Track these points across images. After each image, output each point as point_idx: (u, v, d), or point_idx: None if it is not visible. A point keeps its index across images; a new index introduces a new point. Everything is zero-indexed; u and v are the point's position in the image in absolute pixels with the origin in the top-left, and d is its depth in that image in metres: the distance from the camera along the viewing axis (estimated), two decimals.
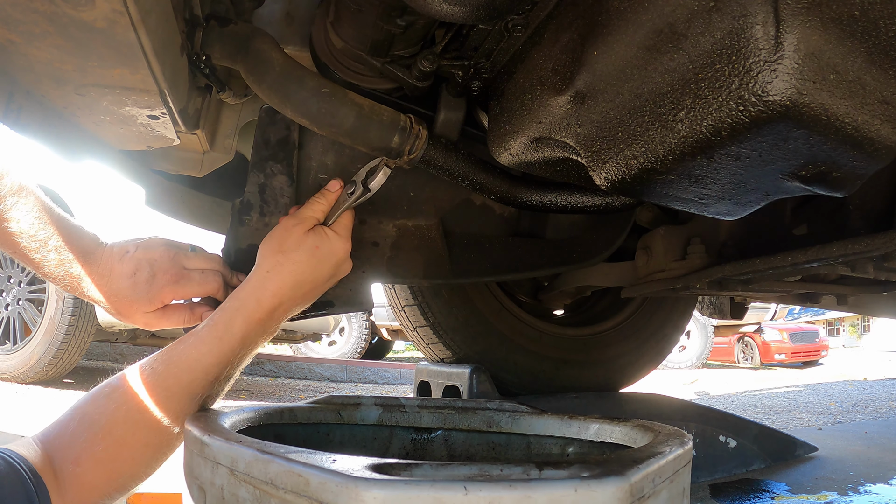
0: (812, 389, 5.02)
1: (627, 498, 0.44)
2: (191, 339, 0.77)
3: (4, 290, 3.17)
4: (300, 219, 0.85)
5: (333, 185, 0.89)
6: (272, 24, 0.98)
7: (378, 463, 0.45)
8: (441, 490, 0.40)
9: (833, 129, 0.53)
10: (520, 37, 0.81)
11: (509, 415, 0.85)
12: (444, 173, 0.93)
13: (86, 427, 0.71)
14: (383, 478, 0.41)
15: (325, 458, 0.46)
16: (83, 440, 0.70)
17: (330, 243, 0.85)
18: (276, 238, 0.84)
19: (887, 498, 1.52)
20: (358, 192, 0.88)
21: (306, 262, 0.83)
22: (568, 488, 0.42)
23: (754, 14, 0.51)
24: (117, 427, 0.72)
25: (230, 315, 0.78)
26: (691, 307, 1.89)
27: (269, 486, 0.46)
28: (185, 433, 0.62)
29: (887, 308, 1.41)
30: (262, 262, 0.83)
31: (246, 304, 0.79)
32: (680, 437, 0.60)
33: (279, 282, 0.81)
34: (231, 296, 0.81)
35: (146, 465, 0.75)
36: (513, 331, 1.59)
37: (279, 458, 0.46)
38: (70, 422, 0.72)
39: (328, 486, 0.41)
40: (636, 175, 0.68)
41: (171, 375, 0.74)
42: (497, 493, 0.40)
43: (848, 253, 0.88)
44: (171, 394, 0.74)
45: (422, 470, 0.44)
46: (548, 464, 0.46)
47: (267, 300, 0.80)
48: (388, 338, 8.25)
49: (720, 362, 10.95)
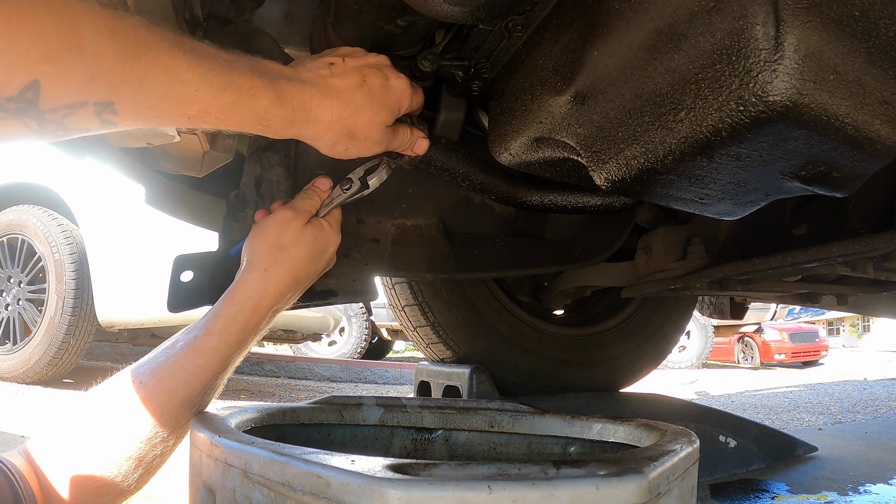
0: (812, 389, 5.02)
1: (646, 495, 0.44)
2: (183, 350, 0.72)
3: (4, 290, 3.17)
4: (298, 210, 0.80)
5: (323, 183, 0.85)
6: (272, 24, 0.98)
7: (397, 463, 0.45)
8: (465, 490, 0.40)
9: (833, 129, 0.54)
10: (520, 37, 0.81)
11: (511, 415, 0.85)
12: (444, 173, 0.93)
13: (73, 441, 0.69)
14: (406, 478, 0.41)
15: (343, 458, 0.46)
16: (70, 457, 0.68)
17: (325, 235, 0.81)
18: (271, 232, 0.78)
19: (887, 498, 1.52)
20: (355, 188, 0.85)
21: (304, 256, 0.78)
22: (590, 486, 0.42)
23: (754, 14, 0.51)
24: (107, 445, 0.69)
25: (226, 323, 0.73)
26: (691, 307, 1.89)
27: (286, 487, 0.45)
28: (193, 435, 0.62)
29: (887, 308, 1.41)
30: (257, 258, 0.77)
31: (243, 310, 0.74)
32: (687, 435, 0.60)
33: (278, 281, 0.76)
34: (226, 299, 0.75)
35: (137, 482, 0.72)
36: (513, 331, 1.59)
37: (296, 460, 0.46)
38: (58, 435, 0.69)
39: (350, 488, 0.41)
40: (636, 175, 0.68)
41: (165, 390, 0.70)
42: (521, 491, 0.41)
43: (848, 253, 0.88)
44: (165, 410, 0.70)
45: (441, 470, 0.44)
46: (564, 462, 0.46)
47: (266, 303, 0.75)
48: (388, 338, 8.25)
49: (720, 362, 10.94)
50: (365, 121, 0.71)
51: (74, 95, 0.48)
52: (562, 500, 0.41)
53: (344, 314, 6.90)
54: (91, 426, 0.70)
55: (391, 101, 0.74)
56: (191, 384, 0.71)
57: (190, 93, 0.55)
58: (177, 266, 0.88)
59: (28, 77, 0.45)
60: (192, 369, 0.71)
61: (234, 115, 0.60)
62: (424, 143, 0.82)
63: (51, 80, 0.46)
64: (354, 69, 0.71)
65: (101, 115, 0.51)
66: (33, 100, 0.46)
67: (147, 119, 0.55)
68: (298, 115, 0.66)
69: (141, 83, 0.51)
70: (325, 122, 0.68)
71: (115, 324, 2.95)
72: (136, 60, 0.51)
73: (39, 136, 0.50)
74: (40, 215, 3.04)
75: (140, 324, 2.96)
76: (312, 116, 0.67)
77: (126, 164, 1.07)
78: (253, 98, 0.60)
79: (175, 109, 0.55)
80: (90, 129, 0.52)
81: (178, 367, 0.71)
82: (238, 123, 0.61)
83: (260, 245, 0.78)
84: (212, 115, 0.58)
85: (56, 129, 0.50)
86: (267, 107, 0.62)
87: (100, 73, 0.48)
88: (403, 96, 0.75)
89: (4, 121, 0.46)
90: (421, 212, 1.05)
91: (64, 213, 3.05)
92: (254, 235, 0.79)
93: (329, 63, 0.70)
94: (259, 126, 0.63)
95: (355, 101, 0.70)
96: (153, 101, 0.53)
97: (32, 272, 3.09)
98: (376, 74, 0.72)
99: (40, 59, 0.45)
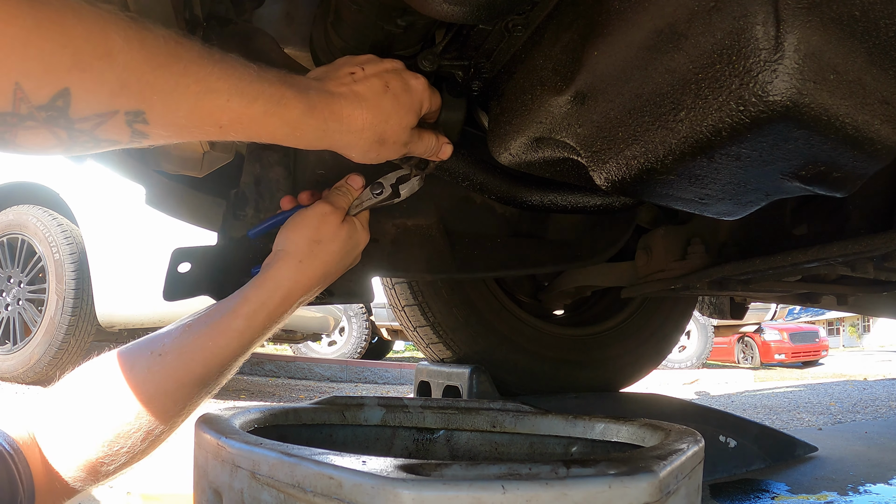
0: (812, 389, 5.02)
1: (657, 493, 0.44)
2: (207, 330, 0.72)
3: (4, 290, 3.17)
4: (336, 206, 0.81)
5: (356, 181, 0.84)
6: (272, 24, 0.98)
7: (408, 463, 0.45)
8: (479, 489, 0.40)
9: (833, 129, 0.54)
10: (520, 37, 0.81)
11: (513, 415, 0.85)
12: (444, 173, 0.93)
13: (77, 413, 0.68)
14: (419, 478, 0.41)
15: (354, 459, 0.46)
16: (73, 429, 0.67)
17: (358, 235, 0.83)
18: (311, 225, 0.78)
19: (887, 498, 1.52)
20: (386, 193, 0.86)
21: (338, 252, 0.79)
22: (602, 485, 0.42)
23: (754, 14, 0.51)
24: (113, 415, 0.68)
25: (255, 308, 0.74)
26: (691, 307, 1.89)
27: (296, 489, 0.45)
28: (198, 436, 0.61)
29: (887, 308, 1.41)
30: (294, 249, 0.77)
31: (273, 298, 0.74)
32: (693, 435, 0.60)
33: (311, 273, 0.77)
34: (257, 285, 0.75)
35: (140, 453, 0.72)
36: (513, 331, 1.59)
37: (307, 461, 0.45)
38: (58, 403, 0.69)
39: (363, 489, 0.41)
40: (636, 175, 0.68)
41: (183, 367, 0.70)
42: (534, 491, 0.41)
43: (848, 253, 0.88)
44: (181, 384, 0.70)
45: (453, 470, 0.44)
46: (573, 462, 0.46)
47: (296, 294, 0.76)
48: (388, 338, 8.25)
49: (720, 362, 10.94)
50: (394, 125, 0.72)
51: (105, 104, 0.48)
52: (574, 500, 0.41)
53: (344, 314, 6.90)
54: (101, 398, 0.69)
55: (414, 103, 0.75)
56: (210, 363, 0.71)
57: (221, 102, 0.55)
58: (174, 258, 0.89)
59: (59, 85, 0.45)
60: (214, 349, 0.71)
61: (266, 124, 0.60)
62: (448, 149, 0.83)
63: (82, 88, 0.46)
64: (376, 76, 0.71)
65: (132, 124, 0.51)
66: (64, 108, 0.46)
67: (179, 129, 0.55)
68: (331, 124, 0.66)
69: (172, 92, 0.51)
70: (357, 130, 0.69)
71: (115, 324, 2.95)
72: (167, 69, 0.51)
73: (69, 148, 0.50)
74: (40, 215, 3.04)
75: (140, 324, 2.96)
76: (345, 126, 0.67)
77: (126, 164, 1.07)
78: (284, 108, 0.60)
79: (207, 119, 0.55)
80: (121, 142, 0.52)
81: (199, 346, 0.71)
82: (271, 134, 0.61)
83: (298, 236, 0.78)
84: (243, 125, 0.58)
85: (86, 140, 0.49)
86: (299, 116, 0.62)
87: (131, 82, 0.48)
88: (424, 97, 0.76)
89: (34, 130, 0.46)
90: (421, 211, 1.05)
91: (64, 213, 3.05)
92: (292, 226, 0.79)
93: (350, 72, 0.71)
94: (292, 136, 0.64)
95: (383, 107, 0.70)
96: (185, 111, 0.53)
97: (32, 272, 3.09)
98: (397, 79, 0.73)
99: (71, 67, 0.45)
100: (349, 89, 0.68)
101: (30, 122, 0.45)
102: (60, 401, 0.70)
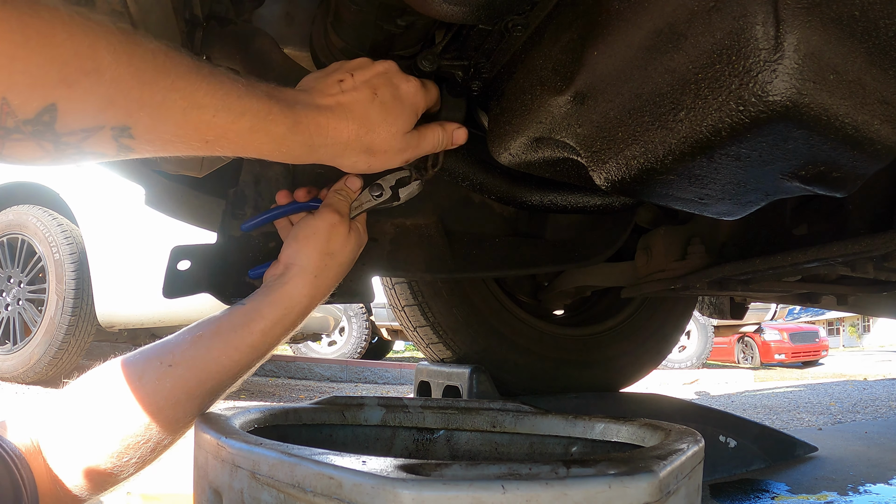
0: (812, 389, 5.02)
1: (657, 493, 0.44)
2: (219, 344, 0.71)
3: (4, 290, 3.17)
4: (342, 214, 0.79)
5: (354, 183, 0.82)
6: (272, 24, 0.98)
7: (408, 463, 0.44)
8: (479, 489, 0.40)
9: (833, 129, 0.54)
10: (520, 37, 0.81)
11: (513, 415, 0.85)
12: (444, 173, 0.93)
13: (84, 423, 0.67)
14: (419, 478, 0.41)
15: (354, 459, 0.46)
16: (80, 440, 0.66)
17: (361, 239, 0.82)
18: (323, 238, 0.77)
19: (887, 498, 1.52)
20: (385, 196, 0.85)
21: (347, 262, 0.79)
22: (602, 485, 0.42)
23: (754, 14, 0.51)
24: (122, 426, 0.67)
25: (271, 325, 0.73)
26: (691, 307, 1.89)
27: (296, 489, 0.45)
28: (198, 435, 0.61)
29: (887, 308, 1.41)
30: (308, 264, 0.76)
31: (289, 314, 0.74)
32: (693, 434, 0.60)
33: (326, 288, 0.77)
34: (273, 302, 0.74)
35: (147, 462, 0.71)
36: (513, 331, 1.59)
37: (307, 461, 0.45)
38: (64, 413, 0.68)
39: (363, 489, 0.41)
40: (636, 175, 0.68)
41: (195, 378, 0.69)
42: (534, 491, 0.41)
43: (848, 253, 0.88)
44: (191, 396, 0.69)
45: (453, 470, 0.44)
46: (573, 462, 0.46)
47: (312, 308, 0.76)
48: (388, 338, 8.25)
49: (720, 362, 10.95)
50: (382, 134, 0.71)
51: (91, 120, 0.48)
52: (574, 499, 0.41)
53: (344, 314, 6.91)
54: (108, 408, 0.68)
55: (406, 108, 0.73)
56: (223, 376, 0.71)
57: (208, 118, 0.55)
58: (174, 255, 0.89)
59: (45, 100, 0.45)
60: (227, 362, 0.71)
61: (252, 140, 0.60)
62: (462, 132, 0.81)
63: (68, 104, 0.46)
64: (364, 83, 0.70)
65: (118, 139, 0.50)
66: (50, 123, 0.46)
67: (165, 144, 0.54)
68: (315, 139, 0.65)
69: (158, 108, 0.51)
70: (342, 143, 0.68)
71: (115, 324, 2.95)
72: (155, 85, 0.50)
73: (56, 159, 0.49)
74: (40, 215, 3.04)
75: (140, 324, 2.97)
76: (330, 140, 0.67)
77: (125, 164, 1.07)
78: (271, 123, 0.60)
79: (192, 134, 0.55)
80: (107, 155, 0.52)
81: (212, 359, 0.70)
82: (257, 149, 0.61)
83: (311, 250, 0.77)
84: (230, 140, 0.58)
85: (73, 152, 0.49)
86: (284, 133, 0.62)
87: (117, 98, 0.48)
88: (417, 99, 0.75)
89: (21, 143, 0.46)
90: (420, 211, 1.05)
91: (64, 213, 3.05)
92: (302, 237, 0.78)
93: (339, 80, 0.70)
94: (278, 152, 0.63)
95: (370, 118, 0.69)
96: (170, 127, 0.53)
97: (32, 272, 3.09)
98: (386, 84, 0.72)
99: (58, 82, 0.45)
100: (335, 101, 0.68)
101: (16, 135, 0.45)
102: (66, 410, 0.69)
